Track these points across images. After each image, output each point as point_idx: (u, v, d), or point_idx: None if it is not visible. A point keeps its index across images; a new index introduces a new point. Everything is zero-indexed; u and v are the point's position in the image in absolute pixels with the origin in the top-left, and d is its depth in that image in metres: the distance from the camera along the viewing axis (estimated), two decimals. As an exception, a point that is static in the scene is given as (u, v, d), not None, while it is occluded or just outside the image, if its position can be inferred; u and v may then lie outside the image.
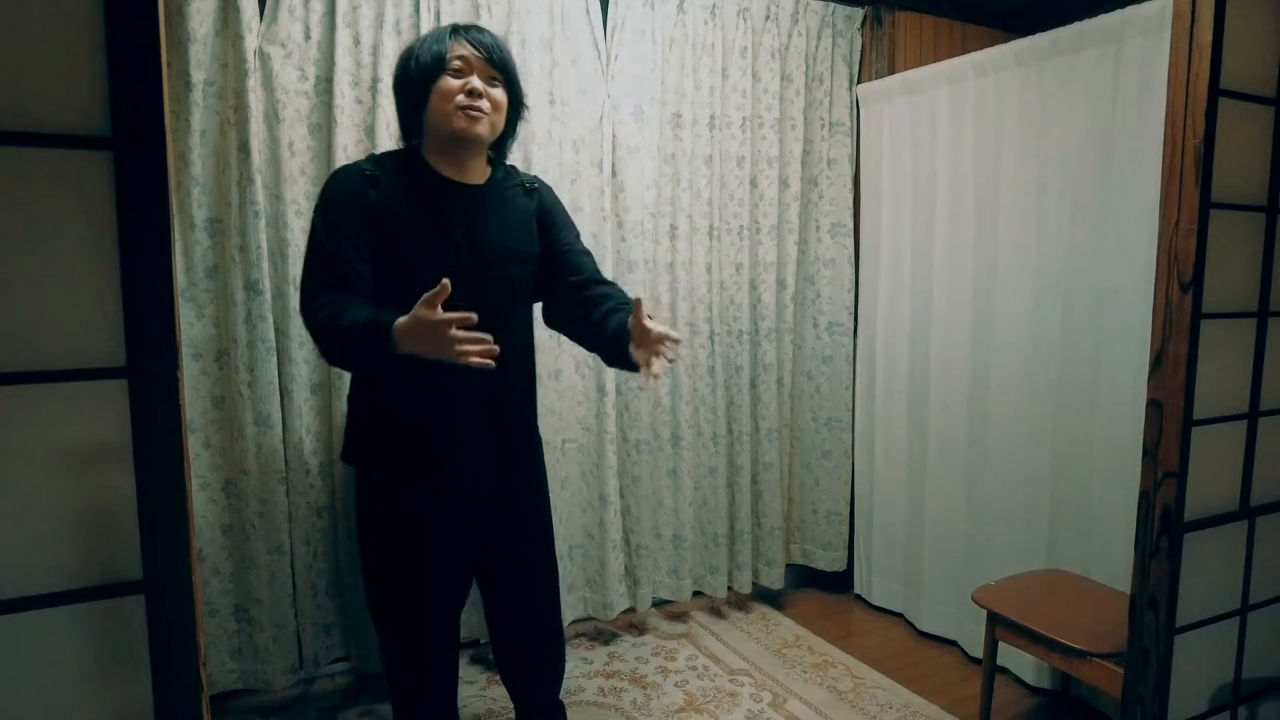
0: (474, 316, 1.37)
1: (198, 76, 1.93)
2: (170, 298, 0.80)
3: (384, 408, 1.62)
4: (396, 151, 1.69)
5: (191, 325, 2.00)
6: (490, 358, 1.39)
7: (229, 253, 1.99)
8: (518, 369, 1.70)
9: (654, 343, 1.47)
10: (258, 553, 2.04)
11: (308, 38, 2.06)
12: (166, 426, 0.80)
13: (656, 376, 1.49)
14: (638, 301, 1.49)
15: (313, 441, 2.14)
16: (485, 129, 1.59)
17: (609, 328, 1.61)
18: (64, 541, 0.79)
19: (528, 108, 1.76)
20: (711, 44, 2.56)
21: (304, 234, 2.09)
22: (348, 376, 2.10)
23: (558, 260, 1.74)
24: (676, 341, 1.49)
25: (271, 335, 2.03)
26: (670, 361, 1.50)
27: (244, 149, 1.97)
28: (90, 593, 0.80)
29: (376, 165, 1.62)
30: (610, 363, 1.73)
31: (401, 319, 1.40)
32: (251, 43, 1.97)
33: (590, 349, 1.77)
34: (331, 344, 1.51)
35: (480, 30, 1.62)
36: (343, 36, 2.06)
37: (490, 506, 1.71)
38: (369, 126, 2.11)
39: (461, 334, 1.37)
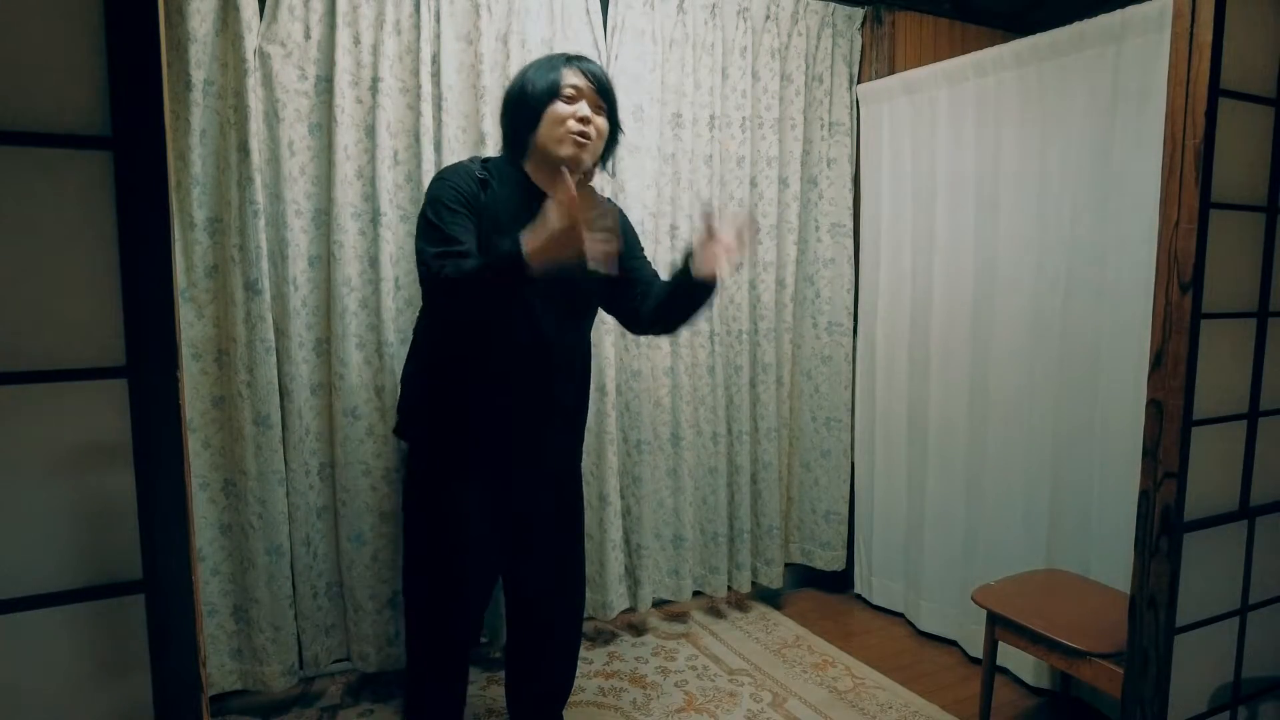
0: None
1: (198, 76, 1.93)
2: (170, 298, 0.80)
3: (455, 385, 1.69)
4: (499, 159, 1.77)
5: (191, 325, 2.00)
6: (611, 254, 1.43)
7: (229, 252, 1.99)
8: (580, 370, 1.83)
9: (723, 245, 1.62)
10: (257, 553, 2.04)
11: (308, 37, 2.06)
12: (166, 426, 0.80)
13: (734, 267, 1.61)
14: (706, 215, 1.65)
15: (312, 442, 2.14)
16: (589, 156, 1.71)
17: (673, 274, 1.73)
18: (64, 541, 0.79)
19: (623, 133, 1.86)
20: (711, 44, 2.56)
21: (304, 233, 2.10)
22: (348, 376, 2.10)
23: (632, 276, 1.82)
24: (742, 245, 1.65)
25: (271, 335, 2.03)
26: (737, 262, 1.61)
27: (244, 149, 1.97)
28: (90, 593, 0.80)
29: (485, 168, 1.71)
30: (685, 308, 1.77)
31: (527, 233, 1.44)
32: (251, 42, 1.97)
33: (674, 315, 1.80)
34: (466, 286, 1.52)
35: (590, 61, 1.75)
36: (343, 36, 2.06)
37: (536, 490, 1.80)
38: (369, 126, 2.11)
39: (582, 234, 1.39)
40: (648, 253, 2.49)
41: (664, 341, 2.56)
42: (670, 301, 1.76)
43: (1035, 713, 2.19)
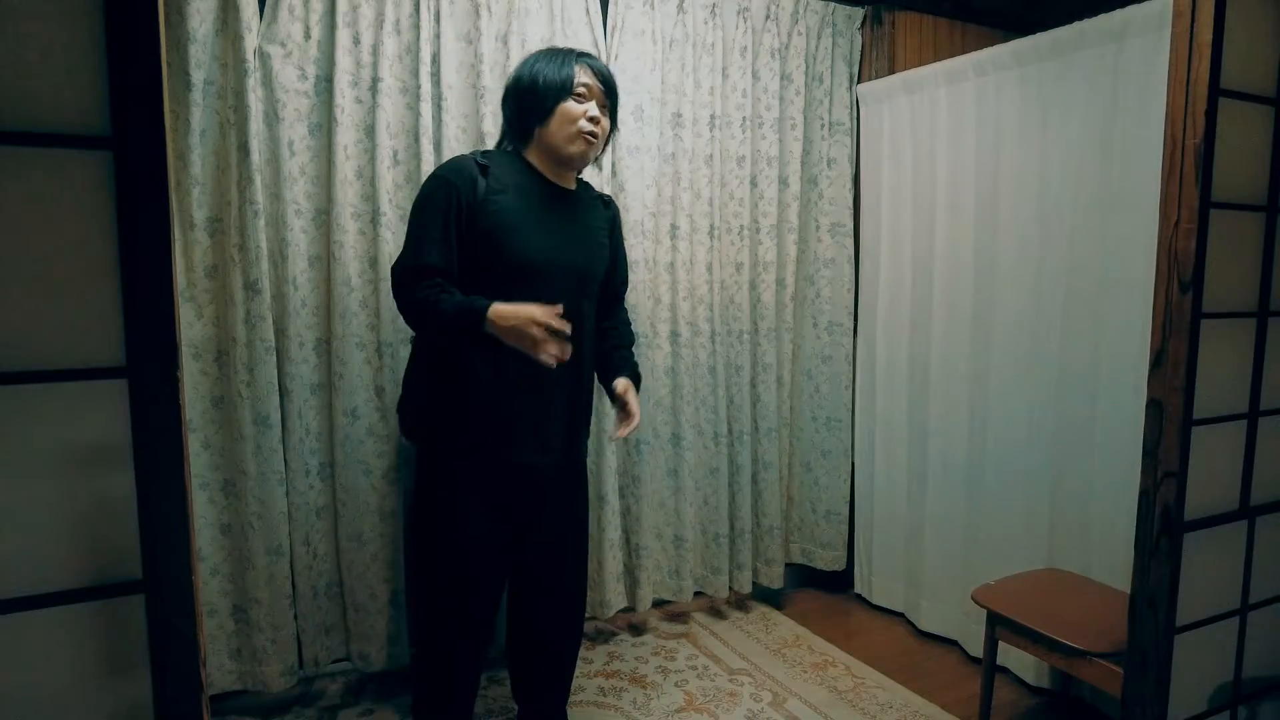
0: (567, 327, 1.56)
1: (197, 76, 1.93)
2: (170, 298, 0.80)
3: (462, 383, 1.71)
4: (498, 150, 1.82)
5: (191, 325, 2.00)
6: (561, 360, 1.56)
7: (229, 252, 1.99)
8: (588, 356, 1.86)
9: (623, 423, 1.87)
10: (257, 553, 2.04)
11: (307, 37, 2.06)
12: (166, 426, 0.80)
13: (613, 439, 1.91)
14: (627, 397, 1.88)
15: (312, 441, 2.14)
16: (595, 153, 1.78)
17: (607, 367, 1.94)
18: (64, 541, 0.79)
19: (618, 131, 1.92)
20: (711, 43, 2.56)
21: (303, 233, 2.10)
22: (348, 376, 2.10)
23: (609, 273, 1.93)
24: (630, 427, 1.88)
25: (271, 335, 2.03)
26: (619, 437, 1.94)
27: (244, 149, 1.97)
28: (90, 593, 0.80)
29: (486, 158, 1.74)
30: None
31: (499, 304, 1.56)
32: (251, 42, 1.97)
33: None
34: (427, 320, 1.65)
35: (597, 59, 1.79)
36: (343, 36, 2.06)
37: (537, 472, 1.80)
38: (369, 126, 2.11)
39: (542, 335, 1.54)
40: (647, 253, 2.51)
41: (664, 341, 2.56)
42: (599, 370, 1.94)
43: (1035, 712, 2.19)
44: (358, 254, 2.12)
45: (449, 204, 1.66)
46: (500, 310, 1.56)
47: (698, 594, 2.74)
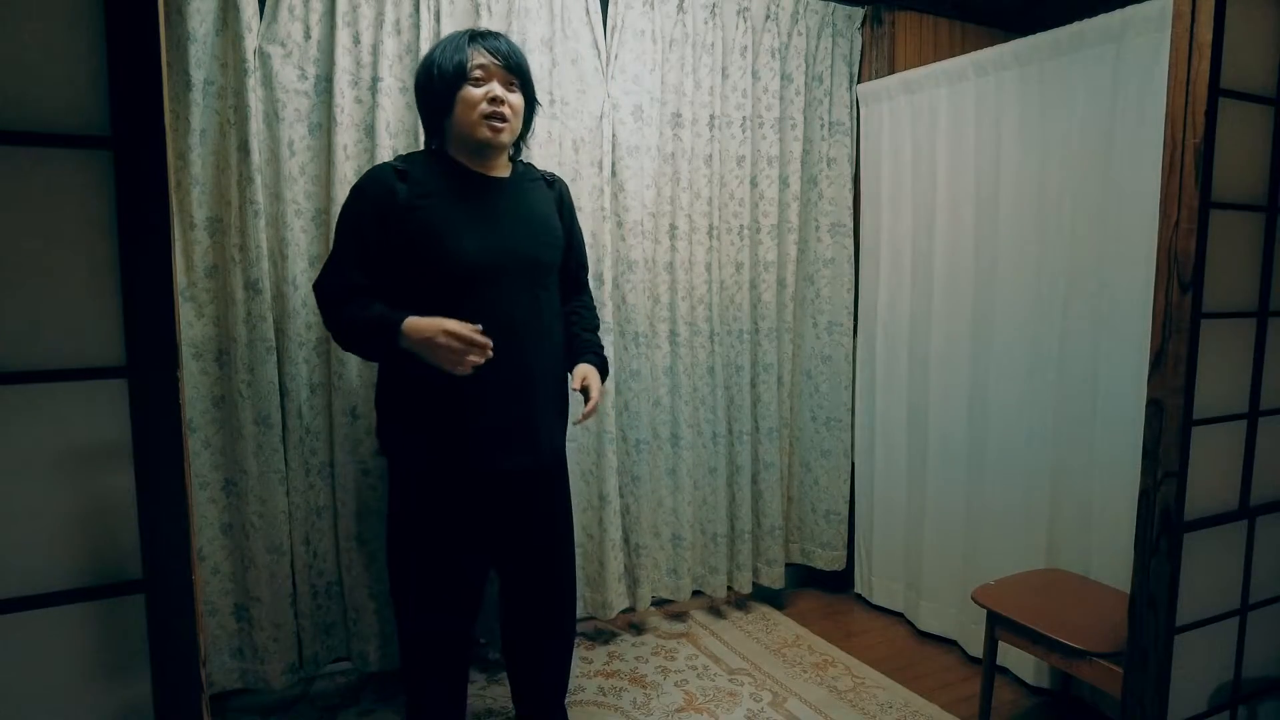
0: (488, 343, 1.55)
1: (198, 76, 1.93)
2: (170, 297, 0.80)
3: (431, 393, 1.66)
4: (423, 151, 1.79)
5: (191, 325, 2.00)
6: (479, 361, 1.55)
7: (229, 252, 1.99)
8: (552, 346, 1.81)
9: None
10: (257, 552, 2.04)
11: (307, 37, 2.06)
12: (166, 426, 0.80)
13: (575, 423, 1.92)
14: (587, 383, 1.80)
15: (312, 441, 2.14)
16: (507, 135, 1.70)
17: (569, 352, 1.88)
18: (64, 541, 0.79)
19: (540, 104, 1.88)
20: (711, 43, 2.56)
21: (304, 233, 2.10)
22: (348, 376, 2.10)
23: (565, 256, 1.87)
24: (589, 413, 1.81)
25: (271, 335, 2.03)
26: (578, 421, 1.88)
27: (244, 148, 1.97)
28: (90, 593, 0.80)
29: (405, 162, 1.71)
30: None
31: (413, 319, 1.54)
32: (251, 42, 1.97)
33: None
34: (344, 330, 1.64)
35: (496, 36, 1.72)
36: (342, 36, 2.06)
37: (520, 479, 1.77)
38: (368, 126, 2.11)
39: (460, 347, 1.53)
40: (647, 253, 2.51)
41: (664, 341, 2.56)
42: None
43: (1035, 712, 2.19)
44: (358, 254, 2.12)
45: (365, 218, 1.63)
46: (413, 324, 1.54)
47: (697, 593, 2.74)
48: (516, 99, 1.70)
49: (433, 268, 1.63)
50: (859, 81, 2.84)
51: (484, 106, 1.65)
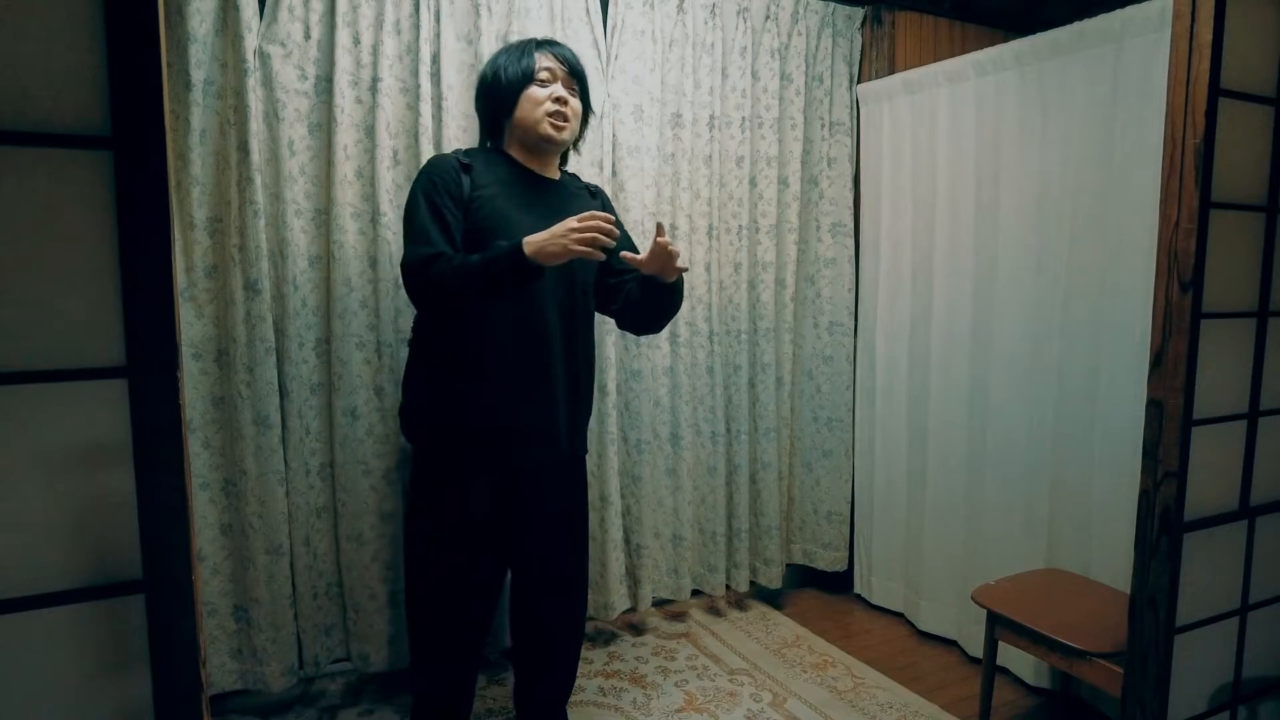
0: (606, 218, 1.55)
1: (197, 76, 1.93)
2: (170, 297, 0.80)
3: (463, 379, 1.70)
4: (478, 148, 1.84)
5: (191, 325, 2.00)
6: (599, 243, 1.54)
7: (229, 252, 1.99)
8: (583, 349, 1.84)
9: (666, 256, 1.70)
10: (257, 553, 2.04)
11: (307, 37, 2.05)
12: (166, 426, 0.80)
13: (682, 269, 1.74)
14: (659, 226, 1.69)
15: (312, 441, 2.14)
16: (568, 134, 1.79)
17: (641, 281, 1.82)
18: (64, 541, 0.79)
19: (594, 114, 1.94)
20: (711, 44, 2.56)
21: (303, 233, 2.09)
22: (348, 376, 2.10)
23: (618, 268, 1.87)
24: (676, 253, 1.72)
25: (271, 335, 2.03)
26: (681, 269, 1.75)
27: (244, 148, 1.97)
28: (90, 593, 0.80)
29: (468, 155, 1.77)
30: (658, 310, 1.87)
31: (528, 237, 1.55)
32: (251, 42, 1.97)
33: (650, 317, 1.91)
34: (457, 285, 1.59)
35: (560, 44, 1.82)
36: (342, 36, 2.06)
37: (548, 473, 1.81)
38: (368, 126, 2.11)
39: (591, 233, 1.53)
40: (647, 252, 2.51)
41: (664, 341, 2.56)
42: (643, 304, 1.83)
43: (1035, 712, 2.19)
44: (358, 254, 2.12)
45: (442, 196, 1.67)
46: (534, 240, 1.54)
47: (697, 593, 2.74)
48: (576, 103, 1.79)
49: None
50: (859, 81, 2.84)
51: (549, 105, 1.73)
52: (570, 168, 2.36)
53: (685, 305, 2.60)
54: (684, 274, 1.80)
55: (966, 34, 2.92)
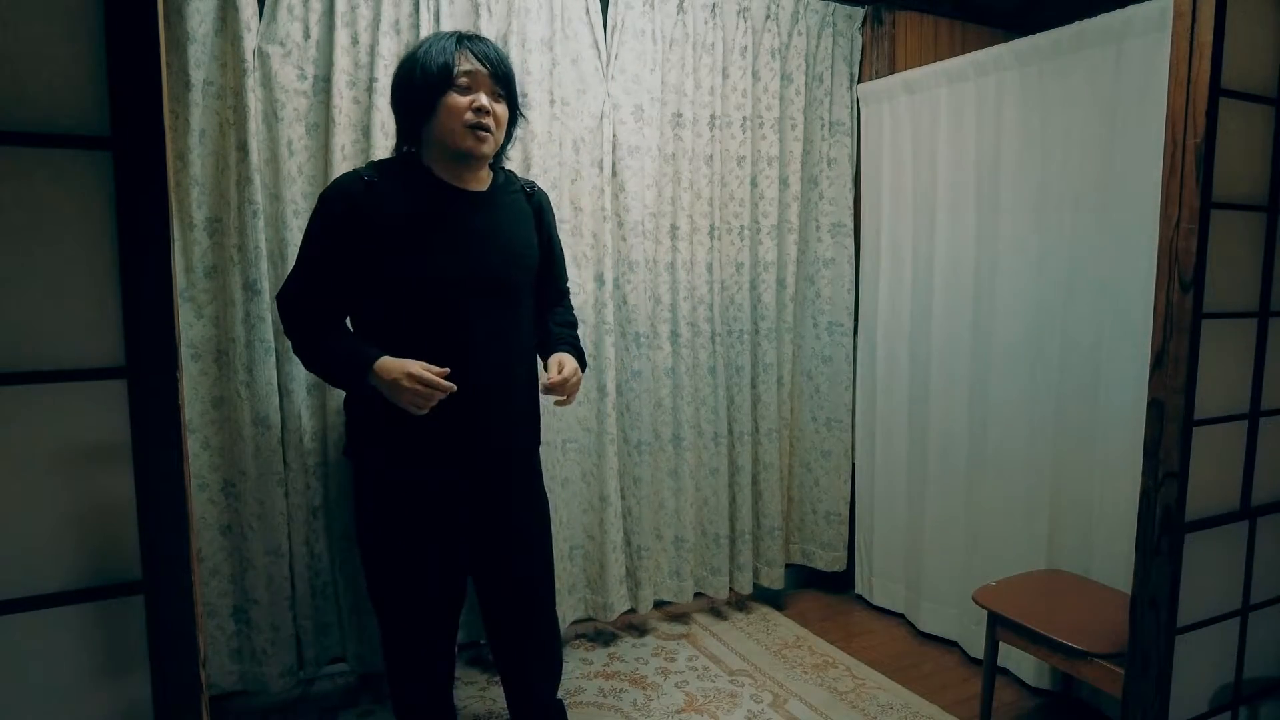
0: (452, 387, 1.54)
1: (197, 76, 1.93)
2: (169, 298, 0.80)
3: (381, 400, 1.60)
4: (396, 158, 1.70)
5: (190, 325, 2.00)
6: (441, 398, 1.54)
7: (228, 253, 1.99)
8: (519, 363, 1.76)
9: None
10: (256, 554, 2.04)
11: (306, 37, 2.05)
12: (166, 427, 0.80)
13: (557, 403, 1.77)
14: (562, 363, 1.73)
15: (310, 442, 2.13)
16: (490, 147, 1.64)
17: (545, 346, 1.84)
18: (64, 541, 0.79)
19: (524, 117, 1.81)
20: (711, 43, 2.56)
21: (303, 233, 2.09)
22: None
23: (545, 266, 1.83)
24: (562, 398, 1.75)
25: (270, 335, 2.02)
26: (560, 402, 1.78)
27: (243, 148, 1.97)
28: (90, 593, 0.80)
29: (376, 172, 1.62)
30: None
31: (383, 360, 1.53)
32: (250, 42, 1.96)
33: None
34: (314, 359, 1.63)
35: (484, 41, 1.64)
36: (341, 36, 2.05)
37: (492, 491, 1.75)
38: (366, 127, 2.11)
39: (424, 390, 1.52)
40: (648, 253, 2.51)
41: (665, 342, 2.56)
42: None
43: (1036, 713, 2.19)
44: (358, 254, 2.12)
45: (333, 231, 1.57)
46: (382, 365, 1.53)
47: (698, 594, 2.74)
48: (502, 109, 1.63)
49: (397, 285, 1.59)
50: (859, 81, 2.84)
51: (469, 115, 1.57)
52: (571, 168, 2.37)
53: (687, 305, 2.60)
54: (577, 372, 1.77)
55: (966, 34, 2.92)
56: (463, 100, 1.57)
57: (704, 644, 2.56)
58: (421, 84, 1.57)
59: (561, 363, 1.74)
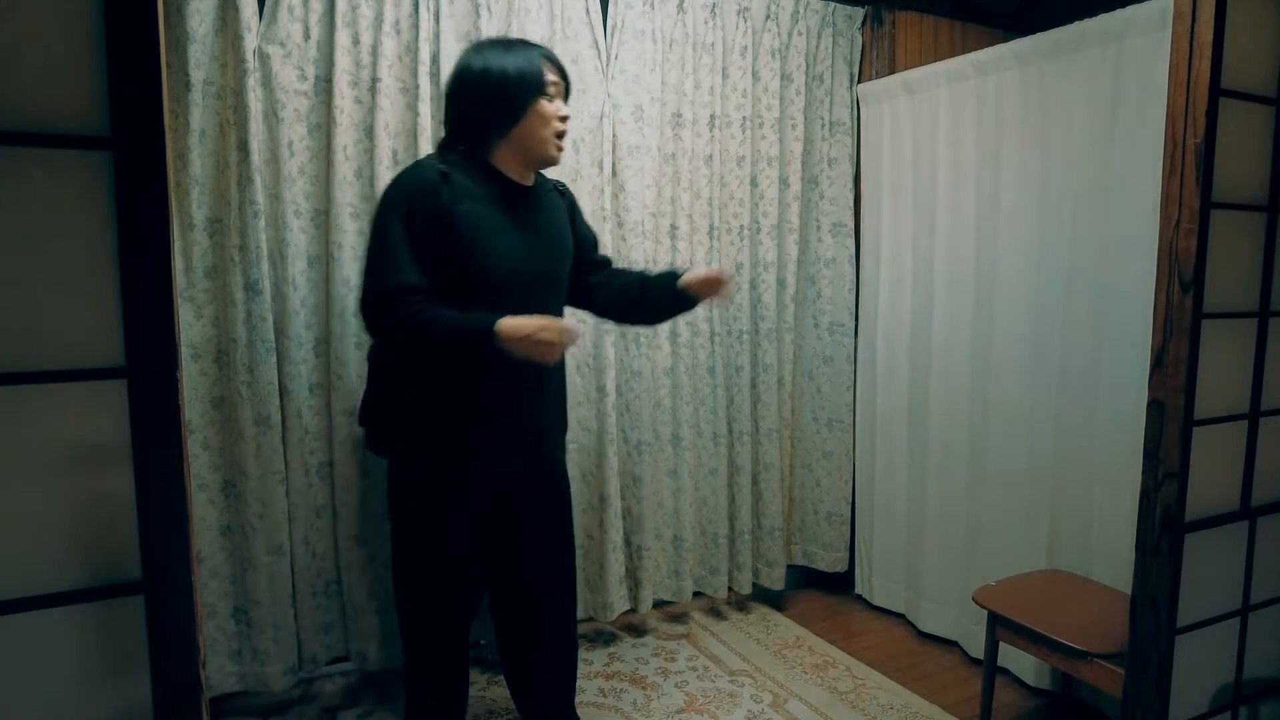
0: (578, 330, 1.57)
1: (197, 76, 1.93)
2: (169, 298, 0.80)
3: (435, 392, 1.64)
4: (459, 151, 1.69)
5: (190, 325, 1.99)
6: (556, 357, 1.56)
7: (228, 253, 1.99)
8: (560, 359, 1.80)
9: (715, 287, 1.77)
10: (257, 554, 2.04)
11: (307, 37, 2.05)
12: (166, 427, 0.80)
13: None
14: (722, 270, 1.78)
15: (311, 441, 2.13)
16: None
17: (662, 284, 1.82)
18: (64, 542, 0.79)
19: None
20: (711, 43, 2.56)
21: (303, 234, 2.09)
22: (347, 376, 2.10)
23: (581, 247, 1.87)
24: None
25: (271, 335, 2.02)
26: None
27: (243, 149, 1.97)
28: (90, 593, 0.80)
29: (445, 163, 1.64)
30: (663, 313, 1.95)
31: (507, 319, 1.51)
32: (251, 42, 1.96)
33: (648, 315, 1.96)
34: (421, 338, 1.59)
35: (551, 51, 1.71)
36: (342, 36, 2.05)
37: (526, 486, 1.78)
38: (368, 126, 2.11)
39: (558, 339, 1.52)
40: (648, 253, 2.51)
41: (664, 342, 2.56)
42: (647, 302, 1.84)
43: (1036, 713, 2.19)
44: (357, 254, 2.12)
45: (415, 215, 1.57)
46: (508, 324, 1.50)
47: (698, 594, 2.74)
48: None
49: (467, 273, 1.60)
50: (859, 81, 2.83)
51: (557, 124, 1.65)
52: (571, 168, 2.37)
53: (685, 305, 2.60)
54: None
55: (966, 34, 2.92)
56: (551, 108, 1.65)
57: (704, 644, 2.56)
58: (517, 90, 1.61)
59: (693, 271, 1.79)
